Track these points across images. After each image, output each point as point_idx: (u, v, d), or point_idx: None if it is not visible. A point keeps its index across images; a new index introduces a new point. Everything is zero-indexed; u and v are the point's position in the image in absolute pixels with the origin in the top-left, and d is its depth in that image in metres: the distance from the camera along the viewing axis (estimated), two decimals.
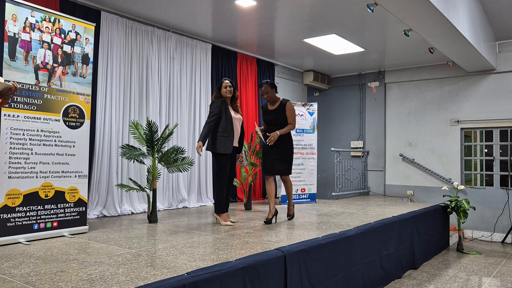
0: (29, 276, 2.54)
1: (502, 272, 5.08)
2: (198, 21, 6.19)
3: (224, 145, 4.49)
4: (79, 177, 4.07)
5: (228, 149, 4.50)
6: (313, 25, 6.33)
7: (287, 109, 4.82)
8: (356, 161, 8.96)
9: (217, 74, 7.14)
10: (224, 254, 3.14)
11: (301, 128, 7.14)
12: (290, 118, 4.82)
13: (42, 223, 3.77)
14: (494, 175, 7.86)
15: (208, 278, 2.44)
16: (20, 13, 3.67)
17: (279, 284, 2.97)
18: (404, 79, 8.89)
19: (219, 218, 4.61)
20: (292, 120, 4.83)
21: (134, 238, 3.84)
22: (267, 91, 4.82)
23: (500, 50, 7.71)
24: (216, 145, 4.49)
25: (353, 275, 3.84)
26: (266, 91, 4.82)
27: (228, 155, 4.55)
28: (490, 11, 6.73)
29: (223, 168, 4.55)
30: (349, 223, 4.64)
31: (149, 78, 6.04)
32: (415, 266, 5.13)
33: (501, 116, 7.71)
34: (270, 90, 4.82)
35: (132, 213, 5.61)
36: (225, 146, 4.49)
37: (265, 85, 4.82)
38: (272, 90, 4.84)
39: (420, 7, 4.67)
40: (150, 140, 4.77)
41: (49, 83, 3.86)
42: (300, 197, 7.04)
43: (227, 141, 4.50)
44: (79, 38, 4.11)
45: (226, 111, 4.58)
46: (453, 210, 6.35)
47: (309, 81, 9.28)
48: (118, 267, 2.75)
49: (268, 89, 4.82)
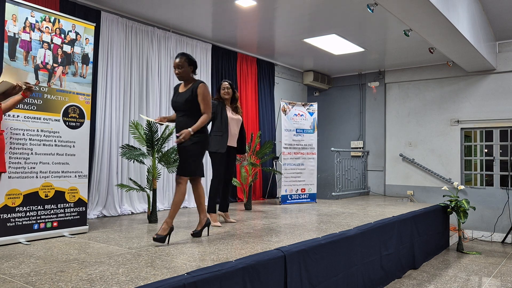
0: (29, 276, 2.54)
1: (502, 272, 5.08)
2: (198, 21, 6.19)
3: (217, 144, 4.54)
4: (79, 177, 4.06)
5: (221, 148, 4.54)
6: (313, 25, 6.33)
7: (198, 93, 3.66)
8: (356, 161, 8.96)
9: (217, 74, 7.14)
10: (224, 254, 3.14)
11: (301, 128, 7.14)
12: (203, 105, 3.68)
13: (42, 223, 3.77)
14: (494, 175, 7.86)
15: (208, 278, 2.44)
16: (20, 13, 3.67)
17: (279, 284, 2.97)
18: (404, 79, 8.89)
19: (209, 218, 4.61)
20: (206, 108, 3.68)
21: (134, 238, 3.84)
22: (180, 66, 3.70)
23: (500, 50, 7.71)
24: (211, 144, 4.54)
25: (353, 275, 3.84)
26: (179, 65, 3.70)
27: (223, 155, 4.57)
28: (490, 11, 6.73)
29: (216, 167, 4.59)
30: (349, 223, 4.64)
31: (149, 78, 6.04)
32: (415, 266, 5.13)
33: (501, 116, 7.71)
34: (185, 65, 3.72)
35: (132, 213, 5.61)
36: (219, 145, 4.54)
37: (181, 57, 3.73)
38: (189, 67, 3.75)
39: (420, 7, 4.67)
40: (150, 140, 4.77)
41: (49, 83, 3.86)
42: (300, 197, 7.04)
43: (221, 140, 4.55)
44: (79, 38, 4.10)
45: (222, 111, 4.65)
46: (453, 210, 6.35)
47: (309, 81, 9.28)
48: (118, 267, 2.75)
49: (182, 63, 3.70)
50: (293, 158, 7.01)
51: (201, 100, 3.67)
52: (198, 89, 3.68)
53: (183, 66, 3.72)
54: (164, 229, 3.52)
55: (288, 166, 6.92)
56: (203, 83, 3.74)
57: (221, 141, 4.56)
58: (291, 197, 6.92)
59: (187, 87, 3.75)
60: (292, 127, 7.05)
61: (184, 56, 3.75)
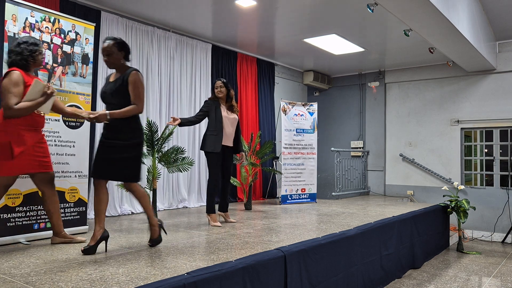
0: (29, 276, 2.54)
1: (502, 272, 5.08)
2: (198, 21, 6.19)
3: (212, 144, 4.53)
4: (79, 177, 4.06)
5: (216, 148, 4.52)
6: (313, 25, 6.33)
7: (129, 81, 3.20)
8: (356, 161, 8.96)
9: (217, 74, 7.14)
10: (224, 254, 3.14)
11: (301, 128, 7.14)
12: (133, 95, 3.20)
13: (42, 223, 3.77)
14: (494, 175, 7.87)
15: (208, 278, 2.44)
16: (20, 13, 3.67)
17: (279, 284, 2.97)
18: (404, 79, 8.89)
19: (209, 218, 4.61)
20: (136, 99, 3.20)
21: (134, 238, 3.84)
22: (108, 52, 3.22)
23: (500, 50, 7.71)
24: (205, 143, 4.57)
25: (353, 275, 3.84)
26: (107, 51, 3.22)
27: (218, 154, 4.55)
28: (490, 11, 6.73)
29: (212, 167, 4.58)
30: (349, 223, 4.64)
31: (149, 78, 6.05)
32: (415, 266, 5.13)
33: (501, 116, 7.71)
34: (114, 51, 3.23)
35: (132, 213, 5.62)
36: (213, 145, 4.53)
37: (109, 41, 3.23)
38: (120, 52, 3.26)
39: (420, 7, 4.67)
40: (150, 140, 4.77)
41: (49, 83, 3.85)
42: (300, 197, 7.04)
43: (215, 140, 4.53)
44: (79, 38, 4.10)
45: (217, 110, 4.61)
46: (453, 210, 6.35)
47: (309, 81, 9.29)
48: (118, 267, 2.75)
49: (111, 49, 3.22)
50: (293, 158, 7.01)
51: (131, 90, 3.18)
52: (129, 77, 3.19)
53: (111, 52, 3.22)
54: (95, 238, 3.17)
55: (288, 166, 6.92)
56: (136, 71, 3.25)
57: (216, 141, 4.53)
58: (291, 197, 6.93)
59: (118, 76, 3.28)
60: (292, 127, 7.05)
61: (113, 40, 3.25)
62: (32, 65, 3.33)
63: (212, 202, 4.60)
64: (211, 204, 4.60)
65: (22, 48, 3.25)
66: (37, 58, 3.33)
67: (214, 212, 4.61)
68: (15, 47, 3.27)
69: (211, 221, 4.57)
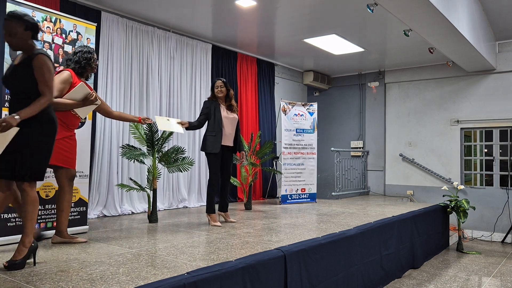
0: (29, 276, 2.54)
1: (502, 272, 5.08)
2: (198, 21, 6.19)
3: (211, 144, 4.54)
4: (79, 177, 4.06)
5: (215, 148, 4.53)
6: (313, 25, 6.34)
7: (34, 66, 2.70)
8: (356, 161, 8.96)
9: (217, 74, 7.14)
10: (224, 254, 3.14)
11: (301, 128, 7.14)
12: (40, 83, 2.71)
13: (43, 223, 3.77)
14: (494, 175, 7.87)
15: (208, 278, 2.44)
16: None
17: (279, 284, 2.97)
18: (404, 79, 8.90)
19: (209, 218, 4.62)
20: (43, 87, 2.71)
21: (135, 237, 3.84)
22: (11, 31, 2.72)
23: (500, 50, 7.72)
24: (205, 144, 4.59)
25: (353, 275, 3.84)
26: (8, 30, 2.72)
27: (218, 154, 4.57)
28: (490, 11, 6.74)
29: (211, 167, 4.60)
30: (349, 223, 4.64)
31: (149, 78, 6.05)
32: (415, 266, 5.13)
33: (501, 116, 7.72)
34: (18, 30, 2.71)
35: (132, 213, 5.62)
36: (212, 145, 4.54)
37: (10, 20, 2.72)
38: (26, 32, 2.74)
39: (420, 7, 4.67)
40: (150, 140, 4.77)
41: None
42: (300, 197, 7.05)
43: (214, 140, 4.55)
44: (80, 38, 4.11)
45: (216, 111, 4.62)
46: (453, 210, 6.35)
47: (309, 81, 9.29)
48: (118, 267, 2.75)
49: (14, 28, 2.71)
50: (293, 158, 7.02)
51: (37, 76, 2.69)
52: (34, 61, 2.69)
53: (15, 32, 2.70)
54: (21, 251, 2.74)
55: (288, 166, 6.93)
56: (42, 53, 2.74)
57: (215, 141, 4.54)
58: (291, 197, 6.93)
59: (24, 58, 2.77)
60: (292, 127, 7.05)
61: (16, 17, 2.72)
62: (89, 71, 3.69)
63: (212, 202, 4.61)
64: (211, 204, 4.60)
65: (78, 56, 3.59)
66: (93, 65, 3.68)
67: (214, 212, 4.61)
68: (72, 55, 3.62)
69: (211, 221, 4.57)
